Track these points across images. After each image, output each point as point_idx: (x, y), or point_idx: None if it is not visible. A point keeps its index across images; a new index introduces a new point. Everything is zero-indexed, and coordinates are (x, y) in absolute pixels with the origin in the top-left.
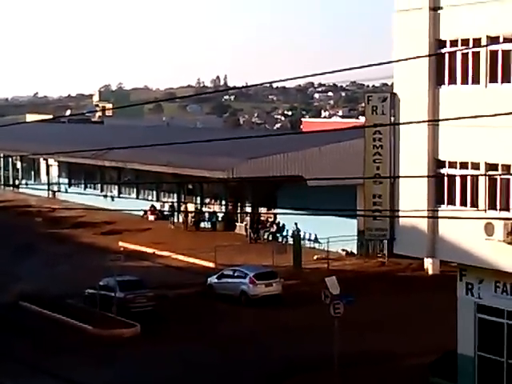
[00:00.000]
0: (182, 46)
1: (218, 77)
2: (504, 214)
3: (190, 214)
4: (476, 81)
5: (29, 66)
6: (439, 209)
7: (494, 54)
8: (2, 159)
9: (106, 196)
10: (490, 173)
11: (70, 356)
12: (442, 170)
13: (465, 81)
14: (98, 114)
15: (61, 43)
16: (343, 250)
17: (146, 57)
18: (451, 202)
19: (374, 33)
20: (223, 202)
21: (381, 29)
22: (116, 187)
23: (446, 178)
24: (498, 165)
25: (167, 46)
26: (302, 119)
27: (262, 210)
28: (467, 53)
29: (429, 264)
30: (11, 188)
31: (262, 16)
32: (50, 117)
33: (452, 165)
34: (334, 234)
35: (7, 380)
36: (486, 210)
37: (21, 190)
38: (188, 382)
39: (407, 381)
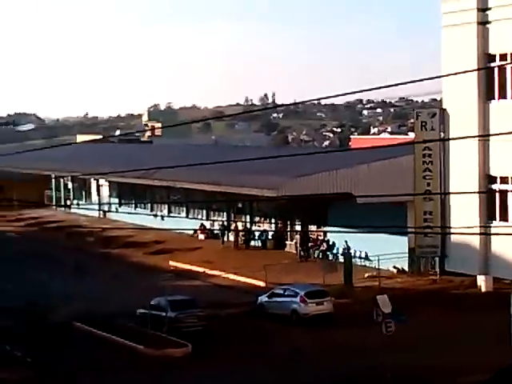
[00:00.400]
0: (230, 64)
1: (265, 94)
2: None
3: (239, 233)
4: None
5: (79, 87)
6: (491, 225)
7: None
8: (53, 180)
9: (155, 215)
10: None
11: (122, 376)
12: (494, 186)
13: None
14: (147, 133)
15: (111, 63)
16: (394, 267)
17: (195, 75)
18: (503, 217)
19: (423, 48)
20: (273, 221)
21: (430, 44)
22: (166, 206)
23: (497, 194)
24: None
25: (216, 64)
26: (351, 136)
27: (312, 228)
28: None
29: (482, 281)
30: (63, 208)
31: (310, 31)
32: (100, 137)
33: (504, 180)
34: (384, 252)
35: None
36: None
37: (72, 210)
38: None
39: None
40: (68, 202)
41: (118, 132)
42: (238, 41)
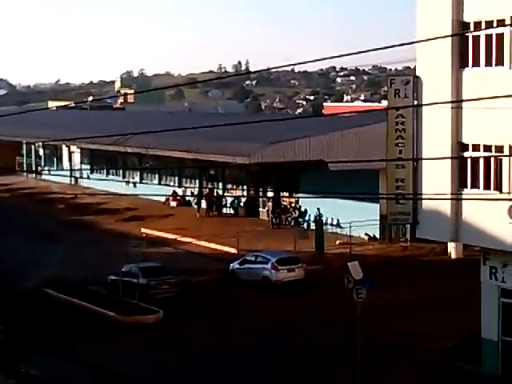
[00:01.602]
0: (202, 32)
1: (239, 62)
2: None
3: (212, 200)
4: (500, 63)
5: (50, 53)
6: (462, 192)
7: None
8: (24, 146)
9: (128, 182)
10: None
11: (94, 343)
12: (466, 153)
13: (488, 63)
14: (120, 100)
15: (82, 30)
16: (366, 234)
17: (168, 43)
18: (475, 185)
19: (397, 16)
20: (245, 188)
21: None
22: (138, 173)
23: (469, 161)
24: None
25: (188, 31)
26: (324, 103)
27: (284, 195)
28: (491, 34)
29: (452, 248)
30: (34, 175)
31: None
32: (72, 103)
33: (475, 148)
34: (356, 219)
35: (33, 368)
36: (510, 193)
37: (43, 177)
38: (207, 366)
39: (430, 365)
40: (39, 169)
41: (90, 98)
42: (209, 7)
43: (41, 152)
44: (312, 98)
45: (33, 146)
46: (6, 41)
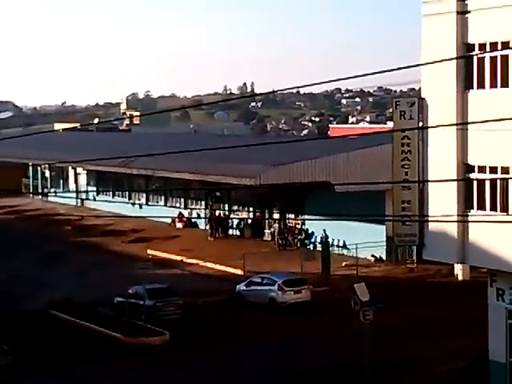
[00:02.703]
0: (208, 54)
1: (244, 83)
2: None
3: (218, 222)
4: (505, 84)
5: (56, 75)
6: (469, 214)
7: None
8: (30, 168)
9: (133, 204)
10: None
11: (100, 364)
12: (472, 175)
13: (494, 84)
14: (126, 122)
15: (88, 52)
16: (372, 256)
17: (173, 65)
18: (481, 206)
19: (401, 38)
20: (251, 209)
21: (409, 34)
22: (144, 195)
23: (475, 183)
24: None
25: (194, 53)
26: (330, 125)
27: (290, 216)
28: (496, 56)
29: (459, 270)
30: (40, 196)
31: (287, 22)
32: (78, 125)
33: (481, 169)
34: (362, 241)
35: None
36: None
37: (49, 199)
38: None
39: None
40: (45, 191)
41: (96, 120)
42: (216, 30)
43: (47, 174)
44: (317, 119)
45: (39, 168)
46: (11, 63)
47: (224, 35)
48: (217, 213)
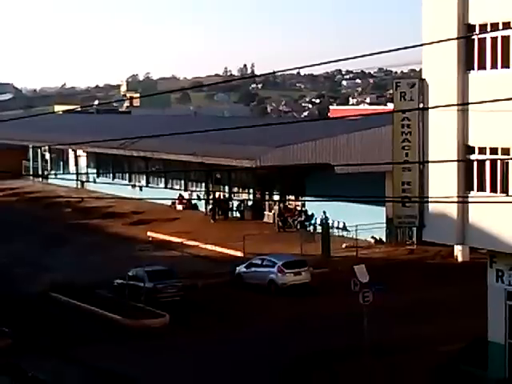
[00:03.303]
0: (209, 35)
1: (245, 65)
2: None
3: (219, 203)
4: (506, 65)
5: (56, 57)
6: (469, 195)
7: None
8: (30, 150)
9: (134, 186)
10: None
11: (100, 346)
12: (472, 156)
13: (494, 65)
14: (126, 103)
15: (88, 34)
16: (372, 237)
17: (174, 46)
18: (481, 188)
19: (402, 19)
20: (251, 191)
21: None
22: (144, 177)
23: (475, 164)
24: None
25: (194, 34)
26: (330, 107)
27: (291, 198)
28: (496, 37)
29: (458, 251)
30: (40, 179)
31: (287, 2)
32: (78, 107)
33: (482, 150)
34: (362, 222)
35: (38, 371)
36: None
37: (50, 181)
38: (217, 371)
39: (437, 368)
40: (45, 173)
41: (96, 102)
42: (216, 11)
43: (47, 156)
44: (318, 101)
45: (39, 150)
46: (11, 45)
47: (224, 17)
48: (217, 195)
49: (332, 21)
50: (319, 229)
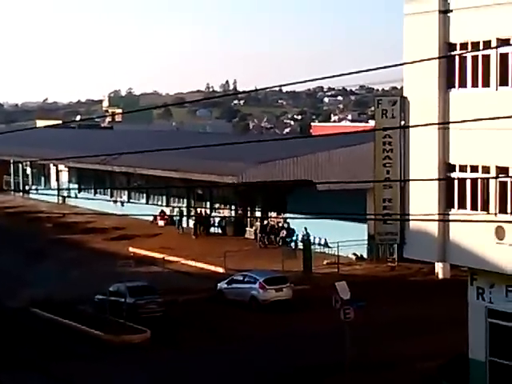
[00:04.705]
0: (191, 51)
1: (227, 81)
2: None
3: (200, 220)
4: (486, 84)
5: (38, 72)
6: (450, 213)
7: (504, 56)
8: (12, 165)
9: (115, 201)
10: (501, 176)
11: (81, 362)
12: (453, 174)
13: (475, 84)
14: (108, 119)
15: (70, 49)
16: (354, 254)
17: (156, 62)
18: (462, 205)
19: (384, 37)
20: (233, 207)
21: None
22: (126, 193)
23: (456, 182)
24: (508, 168)
25: (177, 51)
26: (312, 123)
27: (272, 214)
28: (477, 56)
29: (439, 268)
30: (21, 194)
31: (270, 20)
32: (60, 122)
33: (462, 168)
34: (344, 239)
35: None
36: (496, 214)
37: (31, 196)
38: None
39: None
40: (27, 188)
41: (78, 117)
42: (199, 27)
43: (28, 171)
44: (299, 117)
45: (20, 165)
46: None
47: (207, 34)
48: (199, 211)
49: (314, 38)
50: (301, 245)
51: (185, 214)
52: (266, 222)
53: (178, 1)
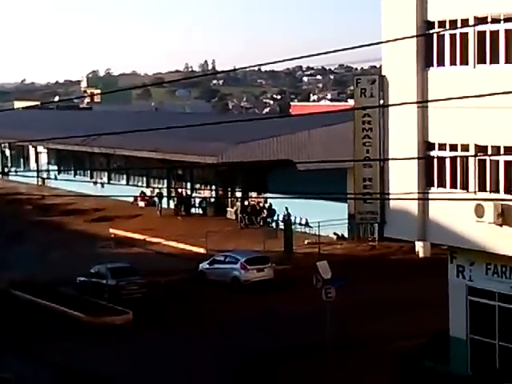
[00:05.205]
0: (169, 31)
1: (206, 61)
2: (494, 196)
3: (180, 200)
4: (464, 62)
5: (15, 53)
6: (429, 191)
7: (481, 34)
8: None
9: (95, 183)
10: (480, 154)
11: (62, 344)
12: (432, 153)
13: (453, 62)
14: (86, 100)
15: (48, 29)
16: (334, 233)
17: (134, 42)
18: (441, 184)
19: (362, 16)
20: (213, 188)
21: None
22: (105, 174)
23: (435, 160)
24: (487, 146)
25: (155, 30)
26: (291, 103)
27: (253, 194)
28: (455, 34)
29: (420, 247)
30: (0, 176)
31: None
32: (38, 103)
33: (442, 147)
34: (324, 218)
35: (1, 369)
36: (475, 192)
37: (10, 178)
38: (179, 367)
39: (400, 363)
40: (6, 170)
41: (56, 98)
42: (177, 7)
43: (7, 153)
44: (279, 97)
45: None
46: None
47: (184, 14)
48: (179, 191)
49: (293, 17)
50: (282, 225)
51: (164, 195)
52: (246, 203)
53: None
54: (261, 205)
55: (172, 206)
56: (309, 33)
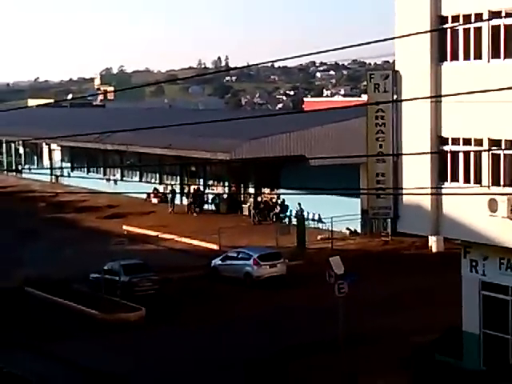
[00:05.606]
0: (183, 28)
1: (219, 58)
2: (507, 190)
3: (193, 197)
4: (478, 56)
5: (30, 51)
6: (443, 186)
7: (496, 28)
8: (4, 145)
9: (108, 180)
10: (494, 149)
11: (76, 341)
12: (445, 147)
13: (467, 57)
14: (100, 97)
15: (61, 27)
16: (347, 229)
17: (147, 39)
18: (454, 178)
19: (376, 11)
20: (226, 184)
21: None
22: (119, 170)
23: (449, 155)
24: (501, 140)
25: (168, 27)
26: (304, 99)
27: (266, 190)
28: (469, 28)
29: (433, 242)
30: (14, 173)
31: None
32: (52, 101)
33: (455, 141)
34: (337, 214)
35: (13, 367)
36: (489, 187)
37: (24, 176)
38: (194, 364)
39: (413, 358)
40: (19, 167)
41: (70, 96)
42: (190, 4)
43: (21, 150)
44: (292, 93)
45: (13, 145)
46: None
47: (197, 10)
48: (192, 188)
49: (306, 13)
50: (294, 221)
51: (177, 191)
52: (259, 199)
53: None
54: (273, 201)
55: (185, 202)
56: (322, 28)
